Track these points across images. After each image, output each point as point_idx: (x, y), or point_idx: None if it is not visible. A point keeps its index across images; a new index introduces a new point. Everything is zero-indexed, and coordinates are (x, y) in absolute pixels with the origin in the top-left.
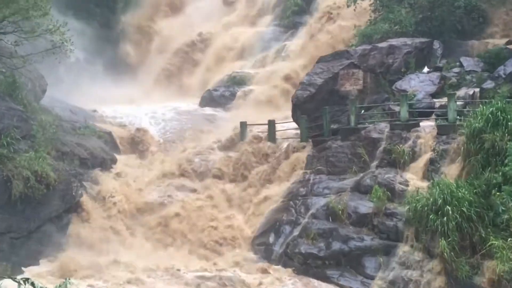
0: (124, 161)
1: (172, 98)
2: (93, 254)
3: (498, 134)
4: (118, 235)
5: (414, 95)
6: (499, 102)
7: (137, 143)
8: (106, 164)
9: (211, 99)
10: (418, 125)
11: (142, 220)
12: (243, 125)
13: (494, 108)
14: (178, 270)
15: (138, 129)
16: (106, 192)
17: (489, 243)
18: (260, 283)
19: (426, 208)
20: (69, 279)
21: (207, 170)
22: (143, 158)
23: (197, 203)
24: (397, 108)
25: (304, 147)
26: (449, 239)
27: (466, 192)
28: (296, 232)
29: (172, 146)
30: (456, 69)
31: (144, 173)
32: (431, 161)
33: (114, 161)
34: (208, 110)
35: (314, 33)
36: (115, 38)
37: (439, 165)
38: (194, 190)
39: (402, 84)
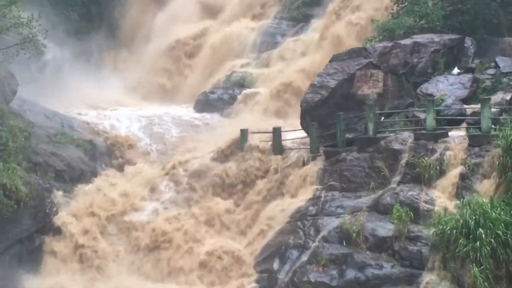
0: (106, 174)
1: (162, 101)
2: (69, 281)
3: None
4: (99, 259)
5: (442, 100)
6: None
7: (121, 153)
8: (85, 177)
9: (207, 103)
10: (446, 135)
11: (125, 242)
12: (244, 133)
13: None
14: None
15: (122, 137)
16: (85, 210)
17: None
18: None
19: (455, 231)
20: None
21: (201, 185)
22: (128, 171)
23: (188, 223)
24: (422, 115)
25: (314, 159)
26: (482, 267)
27: (501, 213)
28: (304, 258)
29: (161, 157)
30: (491, 71)
31: (128, 188)
32: (462, 177)
33: (94, 173)
34: (203, 116)
35: (327, 27)
36: (98, 33)
37: (470, 182)
38: (185, 208)
39: (428, 87)
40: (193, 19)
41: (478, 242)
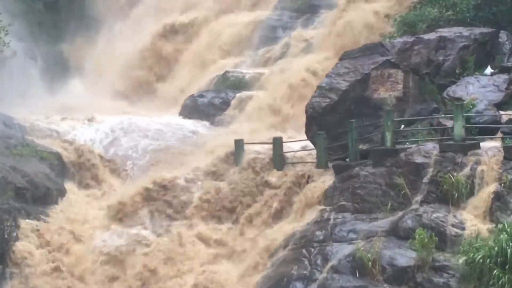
0: (75, 193)
1: (141, 107)
2: None
3: None
4: None
5: (473, 106)
6: None
7: (92, 169)
8: (51, 196)
9: (196, 109)
10: (478, 146)
11: (97, 275)
12: (239, 144)
13: None
14: None
15: (94, 150)
16: (50, 236)
17: None
18: None
19: (489, 260)
20: None
21: (187, 206)
22: (100, 189)
23: (171, 252)
24: (449, 123)
25: (322, 175)
26: None
27: None
28: None
29: (140, 173)
30: None
31: (100, 210)
32: (497, 196)
33: (62, 192)
34: (191, 123)
35: (337, 19)
36: (66, 27)
37: (506, 201)
38: (167, 233)
39: (456, 90)
40: (178, 9)
41: None
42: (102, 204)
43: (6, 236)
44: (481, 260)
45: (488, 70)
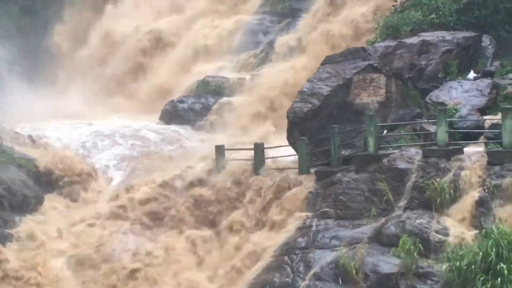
0: (53, 201)
1: (121, 112)
2: None
3: None
4: None
5: (456, 110)
6: None
7: (69, 176)
8: (28, 204)
9: (176, 114)
10: (461, 152)
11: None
12: (220, 150)
13: None
14: None
15: (73, 157)
16: (27, 246)
17: None
18: None
19: (473, 266)
20: None
21: (166, 213)
22: (78, 197)
23: (150, 259)
24: (432, 128)
25: (304, 181)
26: None
27: None
28: None
29: (119, 180)
30: None
31: (77, 218)
32: (480, 202)
33: (40, 200)
34: (171, 129)
35: (319, 23)
36: (43, 31)
37: (490, 207)
38: (148, 240)
39: (439, 94)
40: (157, 14)
41: (499, 280)
42: (81, 213)
43: None
44: (465, 267)
45: (471, 74)
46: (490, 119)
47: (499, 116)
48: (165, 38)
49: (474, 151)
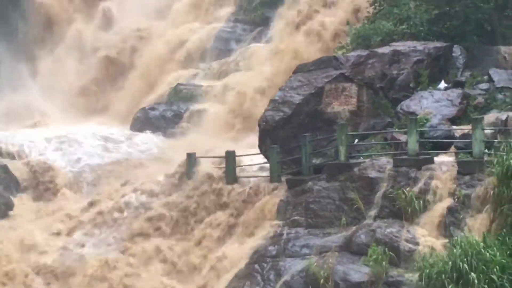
0: (23, 206)
1: (91, 118)
2: None
3: None
4: None
5: (427, 120)
6: None
7: (39, 182)
8: None
9: (147, 121)
10: (432, 161)
11: None
12: (191, 157)
13: None
14: None
15: (40, 162)
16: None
17: None
18: None
19: (443, 275)
20: None
21: (136, 220)
22: (47, 202)
23: (120, 269)
24: (403, 137)
25: (275, 189)
26: None
27: (497, 254)
28: None
29: (90, 186)
30: (484, 85)
31: (46, 224)
32: (450, 211)
33: (9, 205)
34: (142, 136)
35: (291, 32)
36: (13, 31)
37: (460, 216)
38: (115, 249)
39: (410, 104)
40: (130, 20)
41: None
42: (50, 220)
43: None
44: (435, 276)
45: (442, 84)
46: (460, 129)
47: (469, 126)
48: (140, 44)
49: (445, 161)
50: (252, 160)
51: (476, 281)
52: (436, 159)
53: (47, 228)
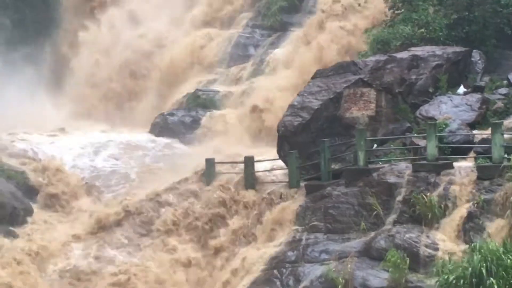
0: (43, 213)
1: (111, 125)
2: None
3: None
4: None
5: (446, 125)
6: None
7: (61, 189)
8: (17, 216)
9: (166, 127)
10: (451, 166)
11: None
12: (210, 163)
13: None
14: None
15: (63, 170)
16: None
17: None
18: None
19: (462, 281)
20: None
21: (155, 227)
22: (69, 209)
23: (140, 273)
24: (422, 143)
25: (294, 194)
26: None
27: None
28: None
29: (109, 193)
30: (503, 90)
31: (65, 231)
32: (470, 216)
33: (29, 212)
34: (161, 142)
35: (310, 37)
36: (34, 43)
37: (480, 222)
38: (137, 254)
39: (429, 109)
40: (150, 26)
41: None
42: (70, 225)
43: None
44: (454, 281)
45: (461, 89)
46: (479, 134)
47: (488, 131)
48: (160, 50)
49: (464, 165)
50: (271, 165)
51: (496, 286)
52: (455, 164)
53: (66, 234)
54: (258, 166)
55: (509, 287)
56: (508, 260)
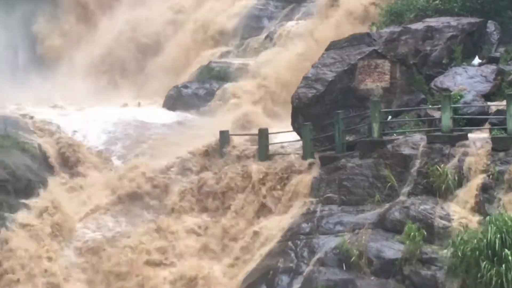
0: (57, 185)
1: (125, 98)
2: None
3: None
4: None
5: (461, 96)
6: None
7: (76, 161)
8: (32, 188)
9: (180, 100)
10: (466, 138)
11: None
12: (224, 135)
13: None
14: None
15: (77, 142)
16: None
17: None
18: None
19: (477, 252)
20: None
21: (169, 197)
22: (83, 181)
23: (153, 244)
24: (437, 114)
25: (308, 166)
26: None
27: None
28: (296, 285)
29: (124, 165)
30: None
31: (80, 203)
32: (484, 188)
33: (44, 184)
34: (175, 114)
35: (325, 8)
36: (43, 16)
37: (495, 193)
38: (151, 225)
39: (444, 80)
40: None
41: (504, 266)
42: (86, 197)
43: None
44: (469, 253)
45: (476, 60)
46: (495, 105)
47: (504, 102)
48: (172, 22)
49: (479, 137)
50: (285, 137)
51: (510, 257)
52: (470, 135)
53: (83, 205)
54: (272, 138)
55: None
56: None
